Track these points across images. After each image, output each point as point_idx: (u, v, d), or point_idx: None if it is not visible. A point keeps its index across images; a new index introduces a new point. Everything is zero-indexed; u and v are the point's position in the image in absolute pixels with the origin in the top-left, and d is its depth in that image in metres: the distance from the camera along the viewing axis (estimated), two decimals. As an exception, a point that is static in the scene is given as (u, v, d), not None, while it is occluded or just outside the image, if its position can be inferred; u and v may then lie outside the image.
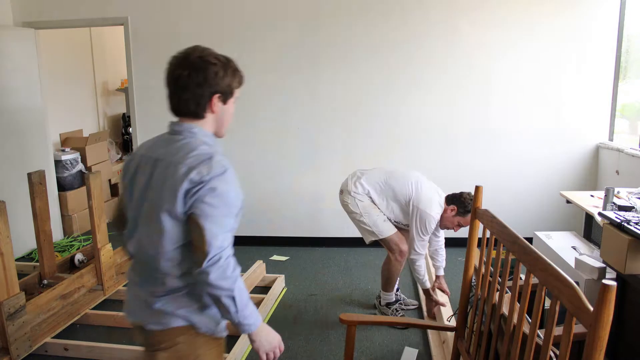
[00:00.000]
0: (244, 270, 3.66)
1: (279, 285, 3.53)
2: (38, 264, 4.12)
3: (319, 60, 4.19)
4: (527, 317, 1.64)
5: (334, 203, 4.42)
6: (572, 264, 2.60)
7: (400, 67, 4.14)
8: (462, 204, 2.85)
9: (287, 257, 4.16)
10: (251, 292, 3.44)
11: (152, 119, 4.43)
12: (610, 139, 4.12)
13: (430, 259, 3.24)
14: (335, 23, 4.12)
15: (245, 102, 4.32)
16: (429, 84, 4.14)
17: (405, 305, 3.20)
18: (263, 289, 3.53)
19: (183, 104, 1.38)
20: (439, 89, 4.14)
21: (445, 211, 2.90)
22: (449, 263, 3.97)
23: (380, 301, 3.19)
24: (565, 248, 2.94)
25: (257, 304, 3.23)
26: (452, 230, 2.98)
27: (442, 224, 2.95)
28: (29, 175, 3.19)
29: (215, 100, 1.38)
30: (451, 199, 2.91)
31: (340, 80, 4.19)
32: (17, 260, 4.21)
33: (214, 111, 1.39)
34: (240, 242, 4.55)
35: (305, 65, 4.20)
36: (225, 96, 1.40)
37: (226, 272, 1.29)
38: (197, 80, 1.34)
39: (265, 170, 4.36)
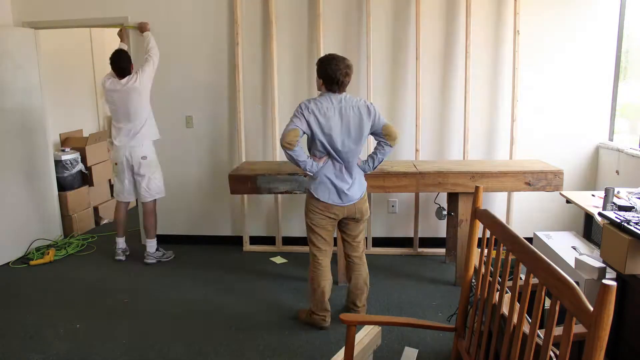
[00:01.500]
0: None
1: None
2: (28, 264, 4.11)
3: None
4: (527, 317, 1.64)
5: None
6: (572, 264, 2.60)
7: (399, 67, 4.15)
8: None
9: (285, 260, 4.14)
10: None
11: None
12: (610, 139, 4.12)
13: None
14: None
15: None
16: (429, 83, 4.14)
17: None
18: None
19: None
20: (435, 89, 4.14)
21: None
22: (447, 262, 3.98)
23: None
24: (565, 248, 2.93)
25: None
26: None
27: None
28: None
29: None
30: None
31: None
32: (14, 262, 4.21)
33: None
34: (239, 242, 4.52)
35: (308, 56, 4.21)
36: None
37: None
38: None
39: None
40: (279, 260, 4.14)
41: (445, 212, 3.85)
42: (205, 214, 4.55)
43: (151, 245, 4.13)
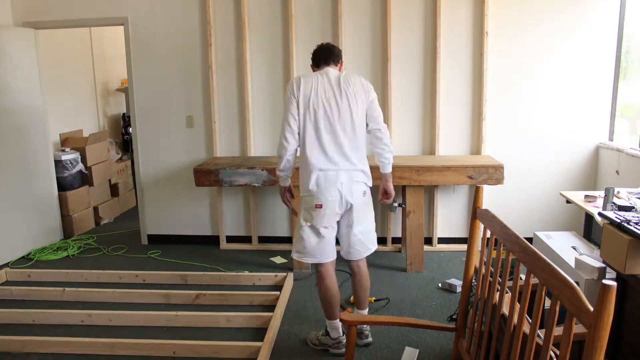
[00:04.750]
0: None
1: (289, 282, 3.57)
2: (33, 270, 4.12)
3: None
4: (527, 317, 1.64)
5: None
6: (572, 264, 2.60)
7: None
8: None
9: (285, 260, 4.14)
10: (265, 290, 3.43)
11: (152, 118, 4.43)
12: (610, 139, 4.12)
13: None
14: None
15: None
16: (423, 81, 4.14)
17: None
18: (274, 287, 3.57)
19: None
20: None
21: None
22: (449, 262, 3.98)
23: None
24: (565, 248, 2.94)
25: (274, 300, 3.27)
26: None
27: None
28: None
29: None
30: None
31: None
32: (15, 261, 4.21)
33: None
34: (244, 240, 4.54)
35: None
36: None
37: None
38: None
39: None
40: (278, 260, 4.14)
41: (395, 205, 3.90)
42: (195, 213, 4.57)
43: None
